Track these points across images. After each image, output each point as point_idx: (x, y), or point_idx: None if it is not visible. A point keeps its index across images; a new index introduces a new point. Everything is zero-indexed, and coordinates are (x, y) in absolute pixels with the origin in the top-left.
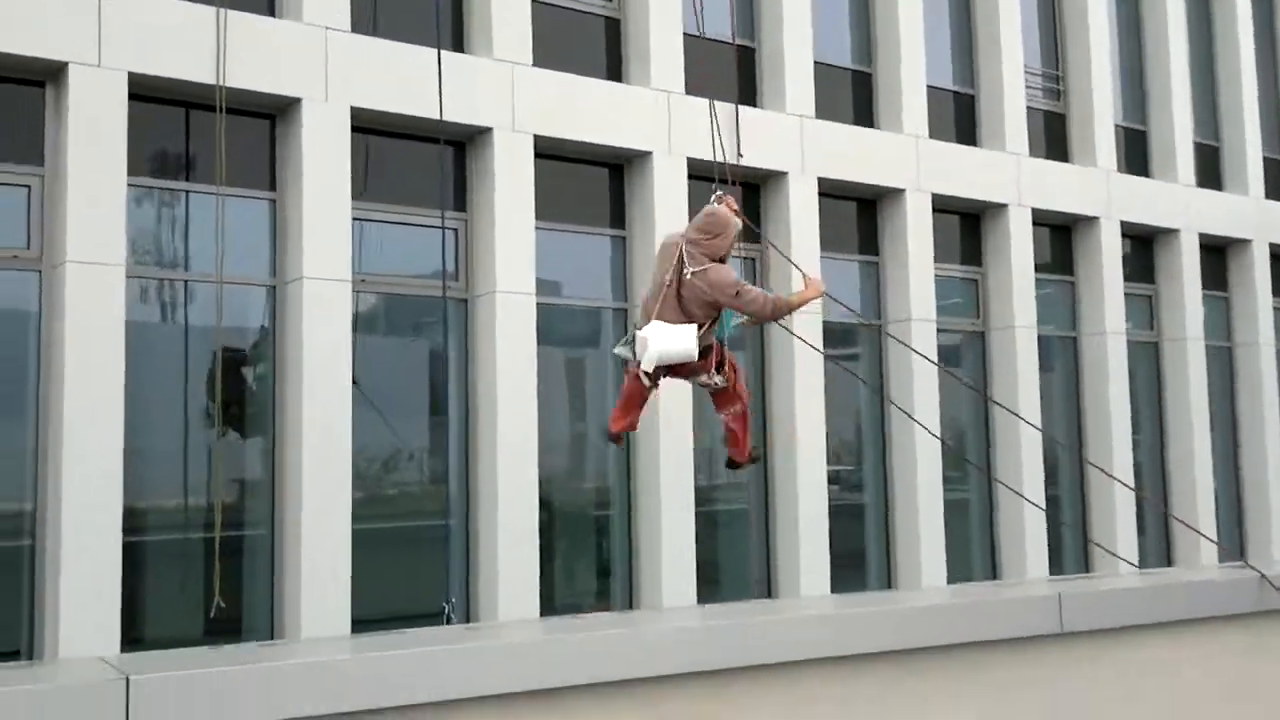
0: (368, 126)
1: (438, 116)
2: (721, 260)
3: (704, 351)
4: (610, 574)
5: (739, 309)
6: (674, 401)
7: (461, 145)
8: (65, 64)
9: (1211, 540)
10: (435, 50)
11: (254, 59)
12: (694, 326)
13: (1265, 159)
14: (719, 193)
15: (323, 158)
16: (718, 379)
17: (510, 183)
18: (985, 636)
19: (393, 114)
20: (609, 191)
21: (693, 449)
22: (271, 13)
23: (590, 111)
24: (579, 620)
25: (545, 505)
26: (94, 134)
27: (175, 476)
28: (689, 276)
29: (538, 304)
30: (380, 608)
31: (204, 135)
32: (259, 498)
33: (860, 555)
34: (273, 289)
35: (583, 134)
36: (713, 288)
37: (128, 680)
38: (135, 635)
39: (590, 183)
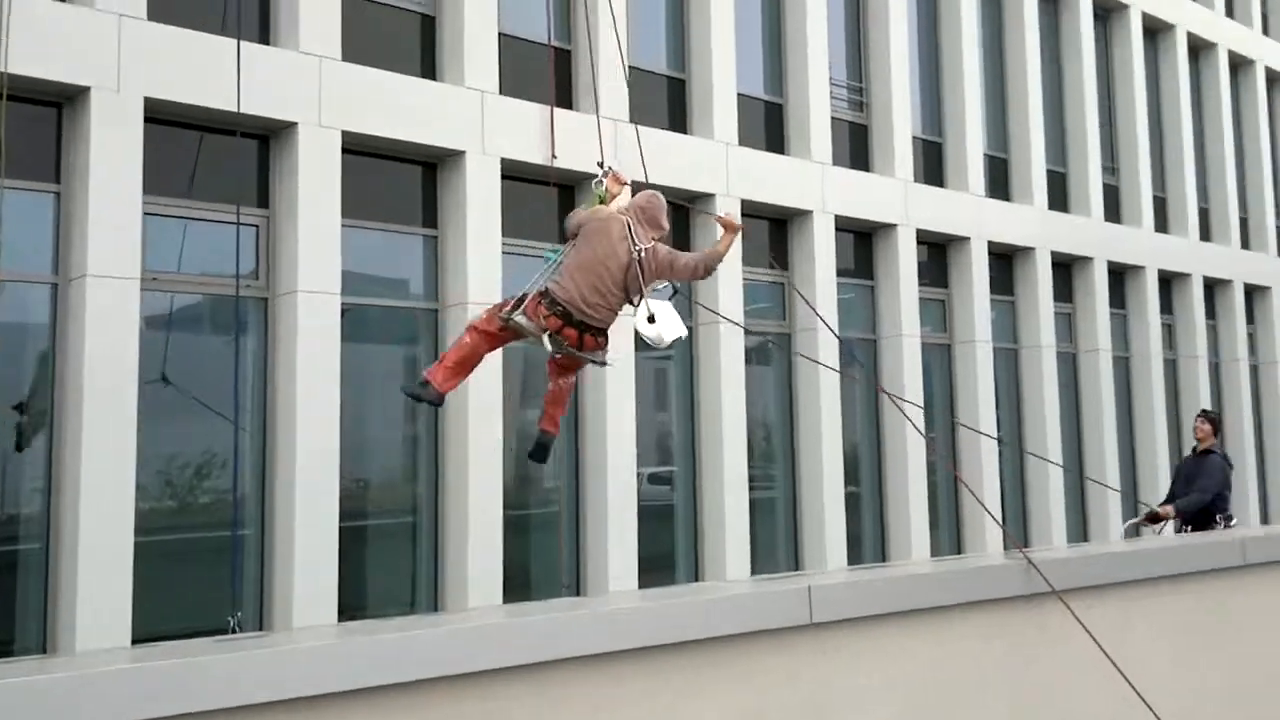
0: (163, 118)
1: (237, 109)
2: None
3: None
4: (416, 579)
5: (679, 278)
6: (484, 404)
7: (266, 139)
8: None
9: (999, 523)
10: (236, 41)
11: (40, 45)
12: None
13: (1049, 171)
14: (609, 168)
15: (112, 150)
16: (605, 356)
17: (315, 179)
18: (740, 629)
19: (190, 105)
20: (421, 190)
21: (501, 451)
22: None
23: (402, 108)
24: (370, 623)
25: (351, 512)
26: None
27: None
28: (641, 255)
29: (343, 304)
30: (163, 623)
31: None
32: (35, 507)
33: (670, 555)
34: (55, 286)
35: (394, 131)
36: (659, 264)
37: None
38: None
39: (402, 181)
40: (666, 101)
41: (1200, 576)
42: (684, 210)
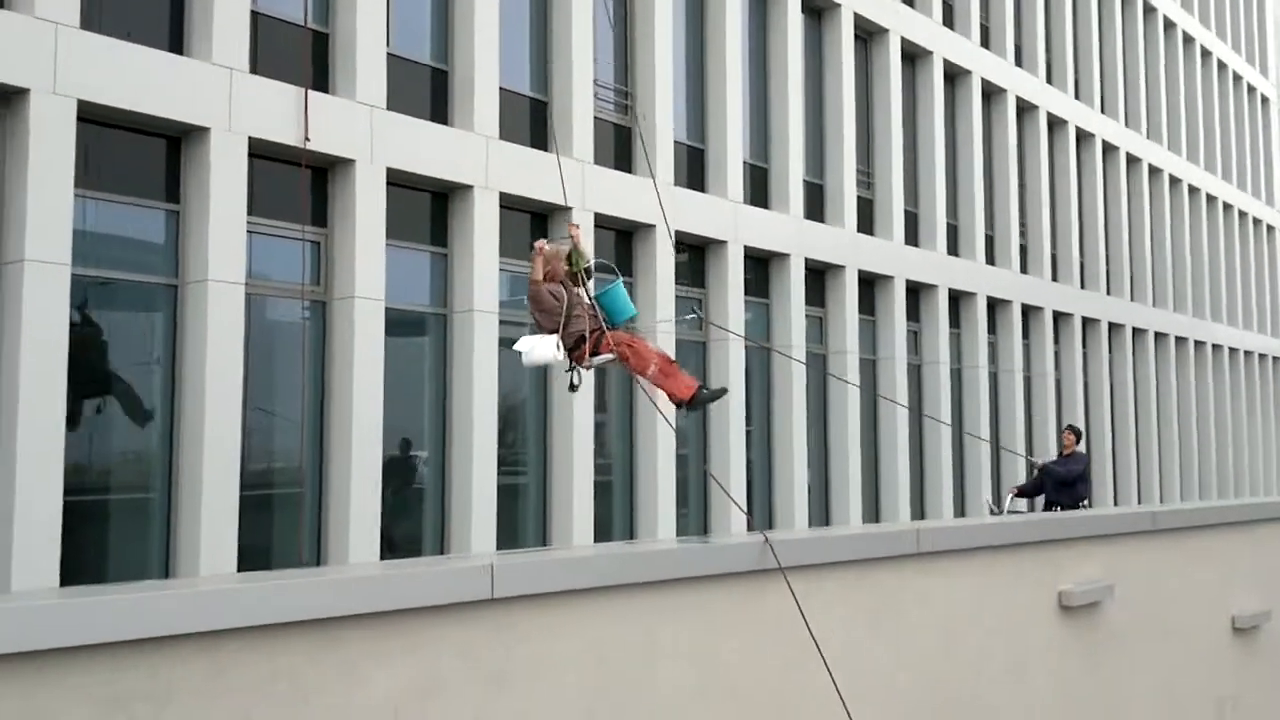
0: None
1: None
2: (552, 279)
3: (574, 347)
4: (148, 553)
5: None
6: (224, 389)
7: None
8: None
9: (741, 508)
10: None
11: None
12: (553, 337)
13: (806, 182)
14: (572, 225)
15: None
16: (594, 362)
17: (47, 147)
18: (417, 604)
19: None
20: (165, 164)
21: (240, 431)
22: None
23: (144, 81)
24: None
25: (77, 487)
26: None
27: None
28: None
29: (74, 275)
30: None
31: None
32: None
33: (418, 536)
34: None
35: (135, 103)
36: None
37: None
38: None
39: (145, 154)
40: (430, 91)
41: (883, 562)
42: (443, 198)
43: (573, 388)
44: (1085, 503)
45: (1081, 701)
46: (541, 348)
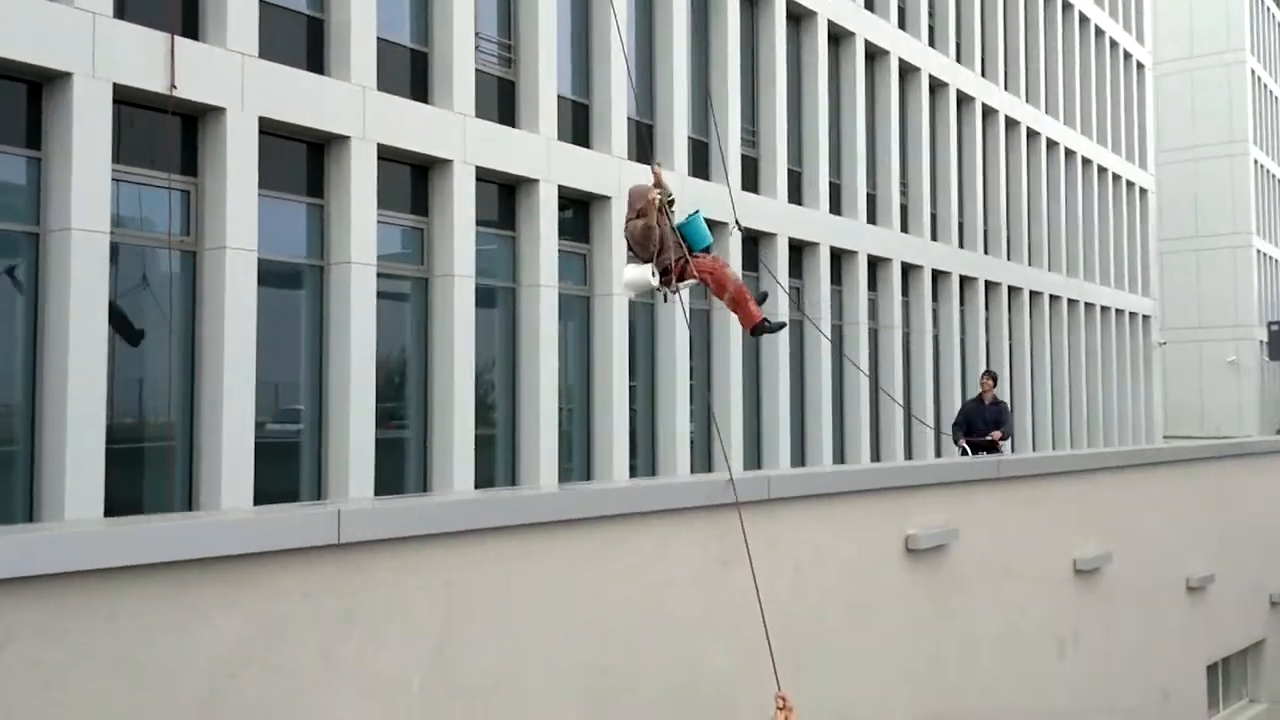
0: None
1: None
2: (643, 215)
3: (664, 274)
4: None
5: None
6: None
7: None
8: None
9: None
10: None
11: None
12: (649, 265)
13: (691, 139)
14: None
15: None
16: (680, 286)
17: None
18: (262, 549)
19: None
20: (25, 110)
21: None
22: None
23: (4, 25)
24: None
25: None
26: None
27: None
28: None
29: None
30: None
31: None
32: None
33: (295, 492)
34: None
35: None
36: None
37: None
38: None
39: (4, 99)
40: (306, 41)
41: (733, 508)
42: (319, 149)
43: (665, 299)
44: (1009, 443)
45: (929, 642)
46: (640, 274)
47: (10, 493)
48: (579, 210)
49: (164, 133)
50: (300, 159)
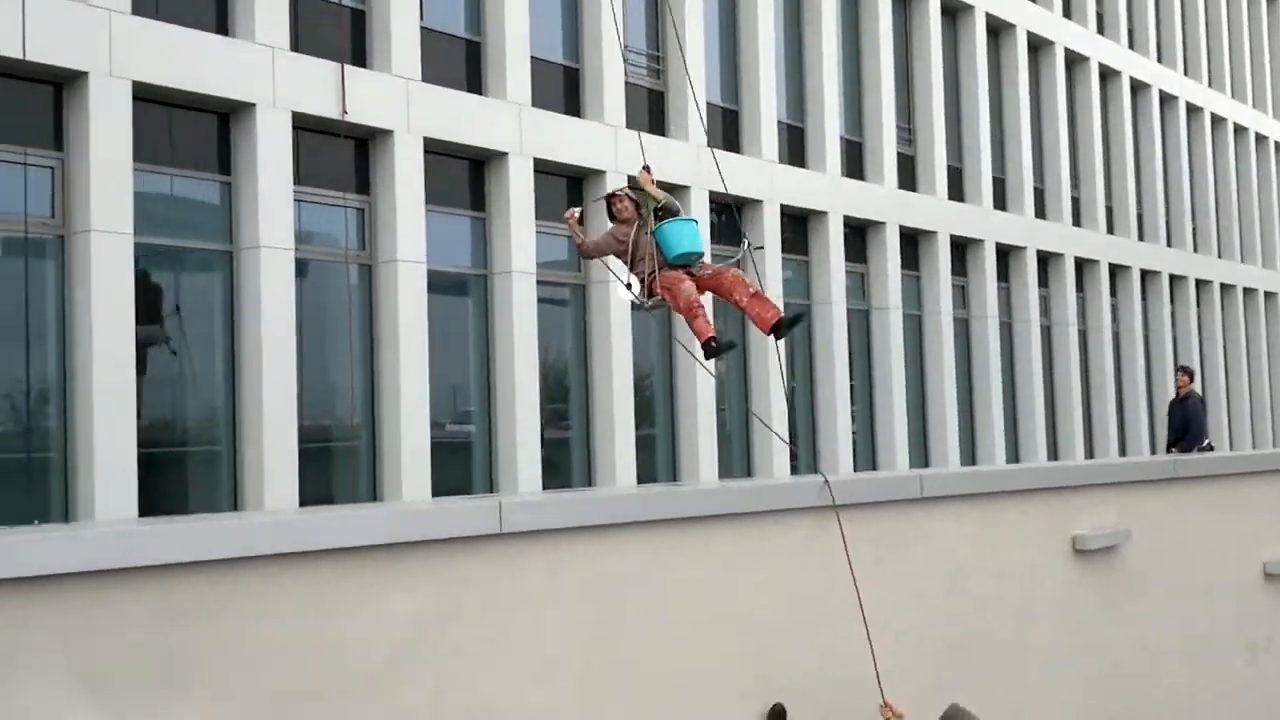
0: None
1: (22, 56)
2: (625, 222)
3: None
4: (218, 499)
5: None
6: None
7: (59, 86)
8: None
9: (784, 439)
10: None
11: None
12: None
13: (843, 139)
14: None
15: None
16: (649, 303)
17: (107, 124)
18: (431, 536)
19: None
20: (216, 138)
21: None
22: None
23: (194, 61)
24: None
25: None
26: None
27: None
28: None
29: (138, 244)
30: None
31: None
32: None
33: (468, 487)
34: None
35: (185, 83)
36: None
37: None
38: None
39: (197, 129)
40: (465, 63)
41: (886, 505)
42: (479, 165)
43: (645, 309)
44: (1207, 441)
45: (1101, 644)
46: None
47: (217, 486)
48: (730, 215)
49: (338, 155)
50: (463, 175)
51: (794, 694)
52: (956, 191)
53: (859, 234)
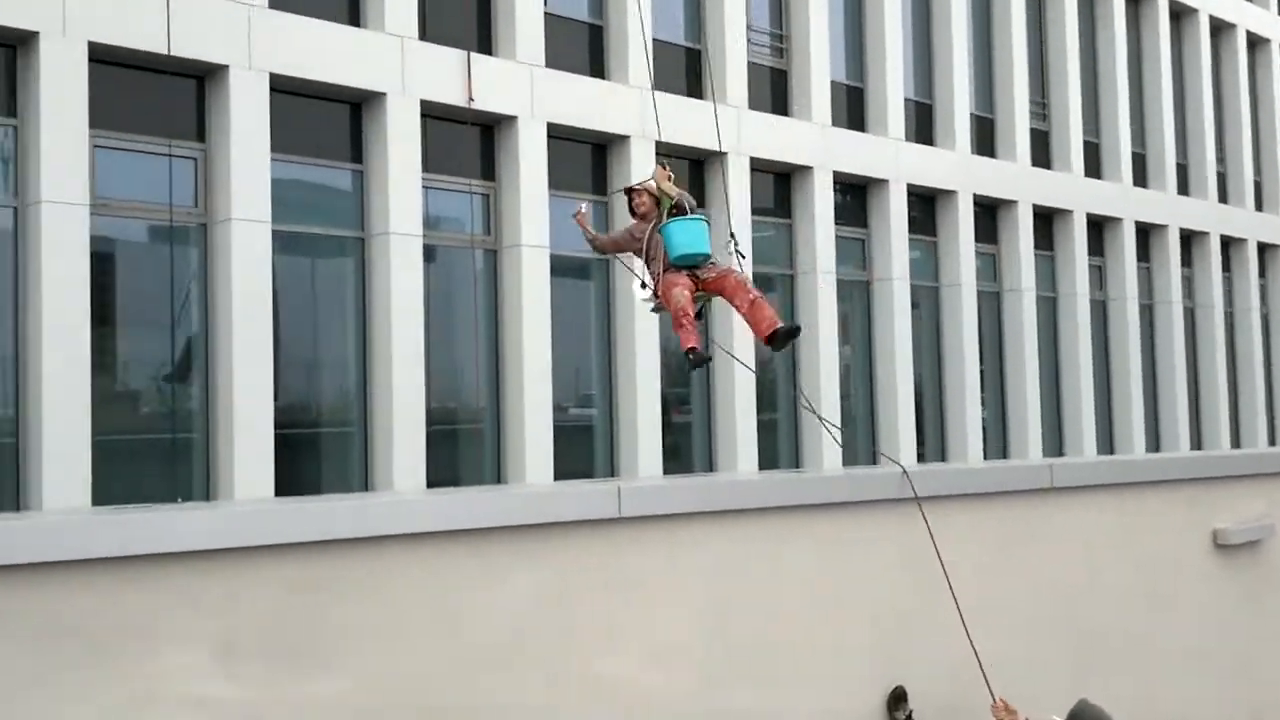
0: (105, 59)
1: (167, 51)
2: (644, 218)
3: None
4: (349, 473)
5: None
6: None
7: (201, 80)
8: None
9: (835, 434)
10: None
11: None
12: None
13: (973, 116)
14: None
15: (60, 88)
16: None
17: (246, 115)
18: (551, 519)
19: (128, 49)
20: (349, 127)
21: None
22: None
23: (327, 52)
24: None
25: (287, 420)
26: None
27: None
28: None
29: (274, 231)
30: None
31: None
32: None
33: (589, 470)
34: (14, 211)
35: (319, 73)
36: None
37: None
38: None
39: (330, 118)
40: (588, 48)
41: (1016, 495)
42: (602, 149)
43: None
44: None
45: (1243, 639)
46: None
47: (348, 466)
48: (855, 195)
49: (464, 142)
50: (585, 160)
51: (916, 681)
52: (1093, 168)
53: (989, 213)
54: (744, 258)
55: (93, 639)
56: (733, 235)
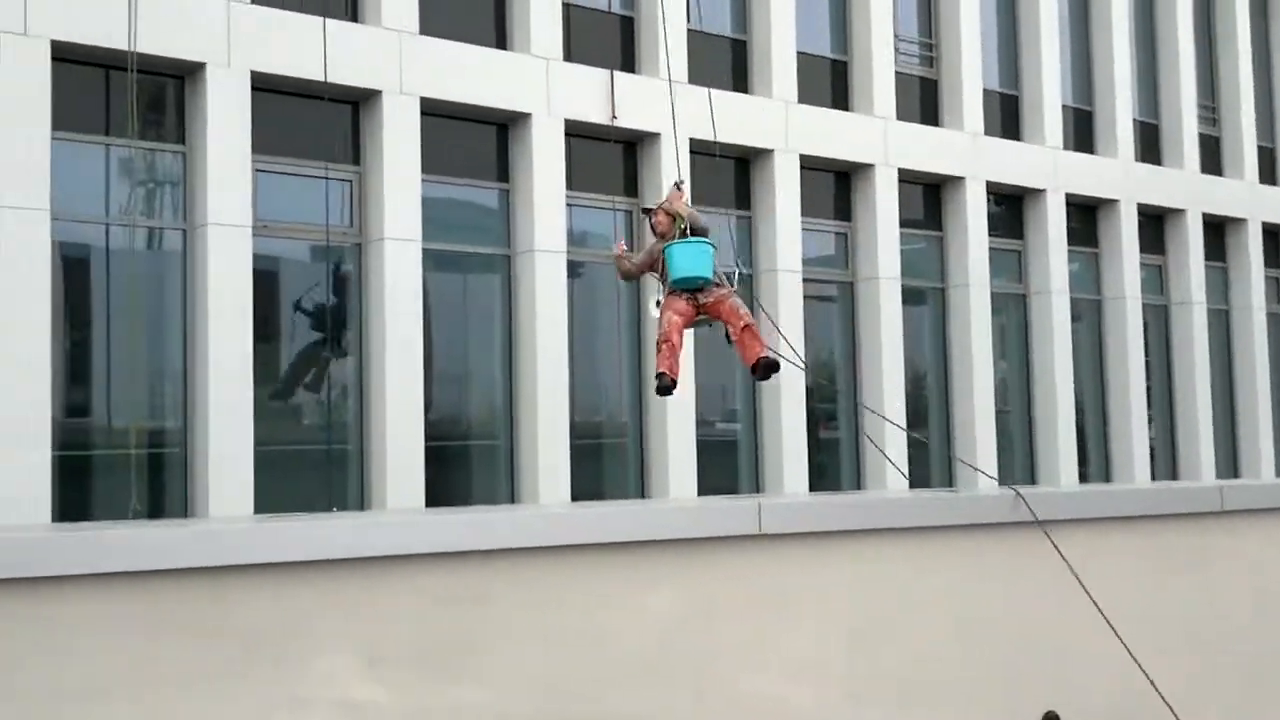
0: (266, 87)
1: (324, 79)
2: (662, 237)
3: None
4: (496, 486)
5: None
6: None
7: (355, 105)
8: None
9: (983, 471)
10: (324, 19)
11: (163, 26)
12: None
13: (1136, 122)
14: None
15: (224, 116)
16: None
17: (398, 139)
18: (694, 535)
19: (288, 77)
20: (495, 147)
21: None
22: None
23: (474, 75)
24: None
25: (433, 433)
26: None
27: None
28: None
29: (425, 250)
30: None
31: (119, 94)
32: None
33: (734, 483)
34: (183, 233)
35: (467, 96)
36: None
37: None
38: None
39: (477, 140)
40: (730, 62)
41: (1181, 518)
42: (745, 164)
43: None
44: None
45: None
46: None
47: (495, 479)
48: (1011, 206)
49: (606, 159)
50: (729, 174)
51: (1068, 710)
52: (1268, 174)
53: (1155, 223)
54: (746, 275)
55: (251, 641)
56: (737, 263)
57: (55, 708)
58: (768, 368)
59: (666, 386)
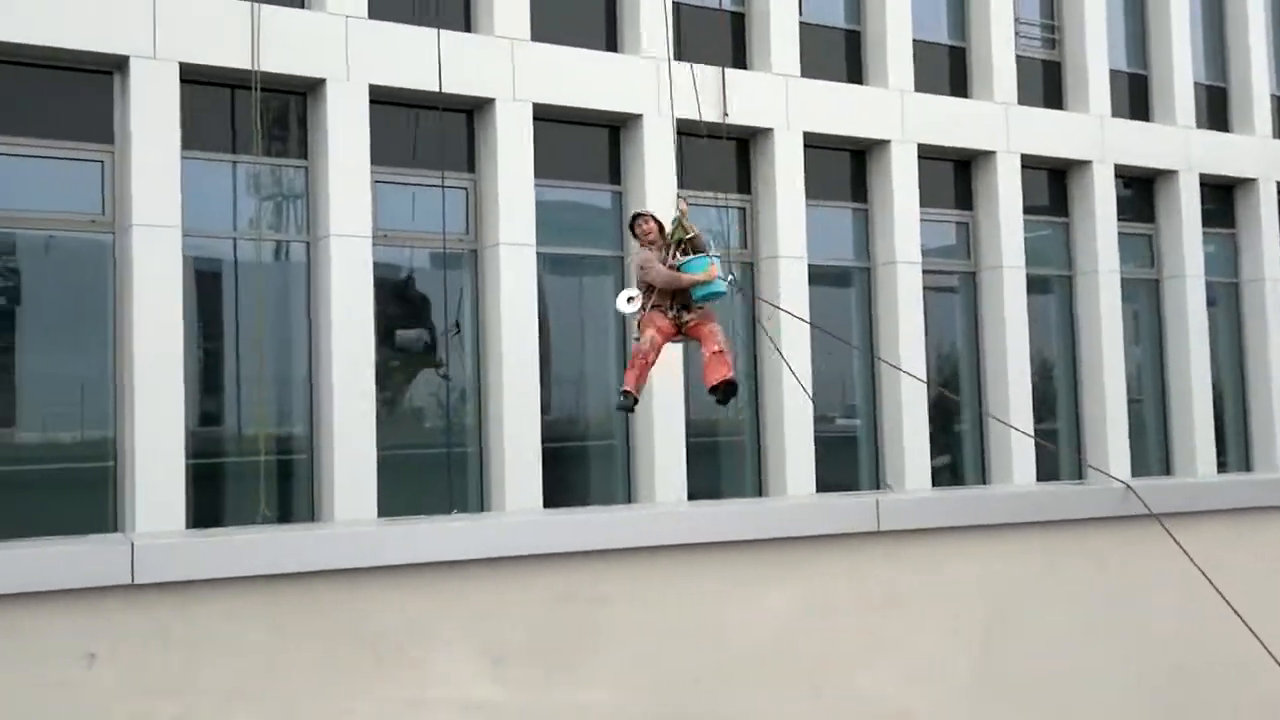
0: (382, 100)
1: (438, 89)
2: (655, 246)
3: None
4: (613, 488)
5: (646, 280)
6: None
7: (470, 113)
8: (127, 57)
9: (1100, 468)
10: (438, 31)
11: (285, 45)
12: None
13: (1275, 98)
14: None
15: (345, 129)
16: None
17: (511, 145)
18: (810, 532)
19: (404, 89)
20: (607, 150)
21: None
22: (300, 4)
23: (586, 79)
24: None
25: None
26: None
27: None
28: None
29: (540, 253)
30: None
31: (244, 112)
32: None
33: (854, 478)
34: (306, 245)
35: (578, 100)
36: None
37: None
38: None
39: (589, 143)
40: (844, 53)
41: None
42: (861, 155)
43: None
44: None
45: None
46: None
47: (613, 479)
48: (1140, 189)
49: (718, 156)
50: (844, 167)
51: (1205, 712)
52: None
53: None
54: (741, 290)
55: (375, 641)
56: (732, 275)
57: (190, 703)
58: (726, 390)
59: (629, 405)
